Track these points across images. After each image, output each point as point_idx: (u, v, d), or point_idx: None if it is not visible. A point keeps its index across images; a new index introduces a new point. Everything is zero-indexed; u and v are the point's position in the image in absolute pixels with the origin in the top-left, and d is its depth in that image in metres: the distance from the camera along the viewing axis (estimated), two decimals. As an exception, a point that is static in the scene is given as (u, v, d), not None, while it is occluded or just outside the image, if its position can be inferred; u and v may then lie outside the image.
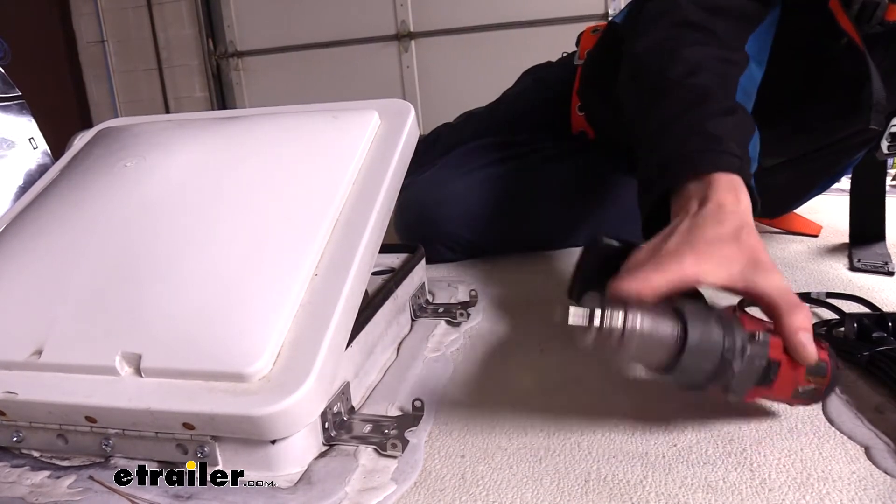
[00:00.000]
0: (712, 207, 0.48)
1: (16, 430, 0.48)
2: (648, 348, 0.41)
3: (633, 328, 0.40)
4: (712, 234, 0.46)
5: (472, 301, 0.75)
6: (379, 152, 0.62)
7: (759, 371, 0.42)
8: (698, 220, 0.47)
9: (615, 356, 0.41)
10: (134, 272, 0.51)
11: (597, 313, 0.39)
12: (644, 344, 0.40)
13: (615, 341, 0.39)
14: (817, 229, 0.99)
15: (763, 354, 0.42)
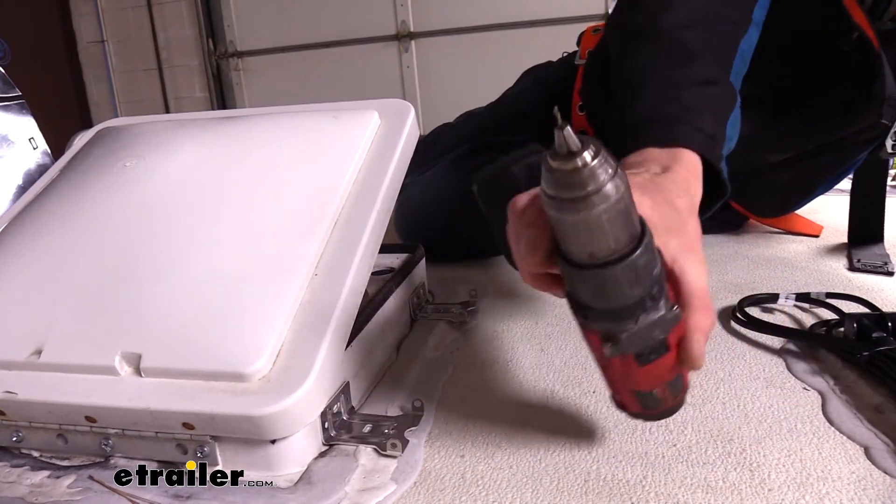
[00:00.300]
0: (675, 178, 0.44)
1: (16, 430, 0.48)
2: (613, 220, 0.33)
3: (621, 182, 0.32)
4: (669, 197, 0.42)
5: (472, 301, 0.75)
6: (379, 152, 0.62)
7: (653, 342, 0.38)
8: (661, 180, 0.44)
9: (574, 210, 0.32)
10: (134, 272, 0.51)
11: (591, 144, 0.31)
12: (614, 211, 0.33)
13: (597, 186, 0.31)
14: (818, 229, 0.99)
15: (666, 328, 0.38)
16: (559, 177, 0.32)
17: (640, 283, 0.35)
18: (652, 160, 0.46)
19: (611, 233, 0.33)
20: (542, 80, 1.10)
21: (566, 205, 0.32)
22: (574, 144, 0.31)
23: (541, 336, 0.66)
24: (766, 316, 0.67)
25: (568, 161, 0.31)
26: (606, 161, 0.32)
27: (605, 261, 0.34)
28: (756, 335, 0.63)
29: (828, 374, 0.54)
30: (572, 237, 0.34)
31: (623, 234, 0.34)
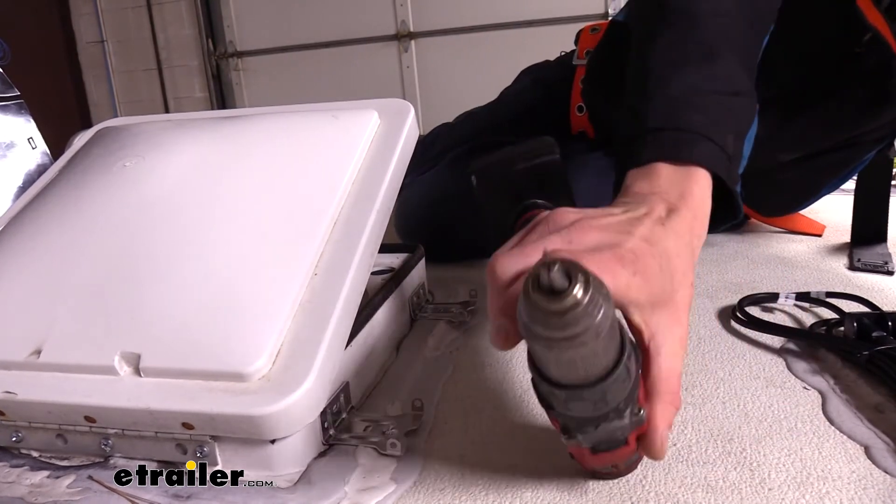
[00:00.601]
0: (680, 227, 0.38)
1: (15, 430, 0.48)
2: (592, 356, 0.30)
3: (609, 313, 0.29)
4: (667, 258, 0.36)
5: (471, 301, 0.75)
6: (379, 152, 0.62)
7: (610, 442, 0.36)
8: (661, 234, 0.37)
9: (556, 349, 0.29)
10: (133, 272, 0.51)
11: (580, 277, 0.28)
12: (597, 347, 0.30)
13: (583, 327, 0.28)
14: (821, 229, 0.99)
15: (626, 432, 0.35)
16: (543, 316, 0.28)
17: (606, 403, 0.33)
18: (659, 193, 0.40)
19: (588, 366, 0.31)
20: (540, 81, 1.09)
21: (547, 343, 0.29)
22: (562, 283, 0.27)
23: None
24: (767, 315, 0.67)
25: (555, 300, 0.27)
26: (597, 294, 0.28)
27: (574, 384, 0.32)
28: (756, 334, 0.63)
29: (828, 373, 0.54)
30: (547, 365, 0.32)
31: (599, 365, 0.31)
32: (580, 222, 0.36)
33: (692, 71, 0.47)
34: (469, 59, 2.92)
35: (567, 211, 0.37)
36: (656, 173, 0.42)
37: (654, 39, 0.52)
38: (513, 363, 0.61)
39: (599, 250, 0.33)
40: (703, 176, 0.42)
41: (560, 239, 0.34)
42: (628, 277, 0.33)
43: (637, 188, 0.42)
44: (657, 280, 0.35)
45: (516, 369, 0.60)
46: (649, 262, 0.34)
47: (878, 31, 0.66)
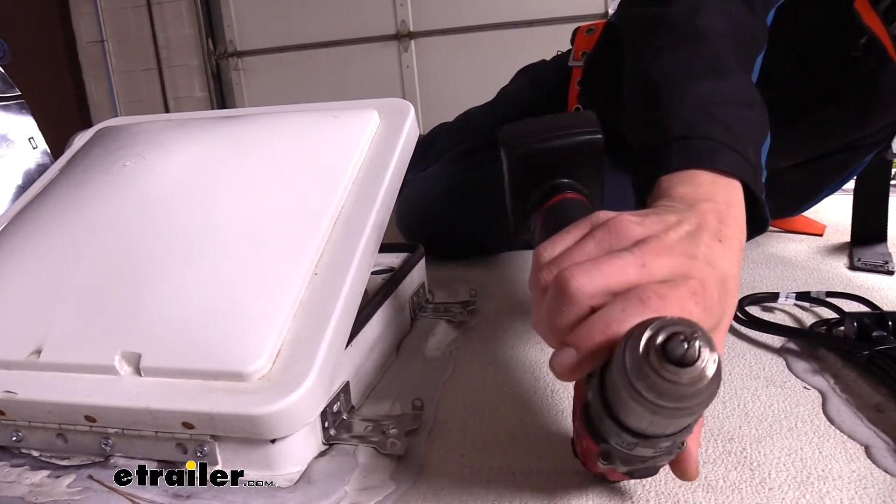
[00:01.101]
0: (733, 244, 0.37)
1: (15, 430, 0.48)
2: (688, 419, 0.29)
3: (719, 369, 0.27)
4: (721, 280, 0.35)
5: (472, 300, 0.75)
6: (379, 151, 0.61)
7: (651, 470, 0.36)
8: (719, 254, 0.36)
9: (665, 415, 0.27)
10: (133, 271, 0.51)
11: (710, 354, 0.26)
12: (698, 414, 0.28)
13: (706, 396, 0.26)
14: (821, 228, 0.99)
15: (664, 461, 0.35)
16: (662, 385, 0.26)
17: (667, 449, 0.32)
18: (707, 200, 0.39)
19: (682, 424, 0.30)
20: (537, 82, 1.10)
21: (658, 409, 0.27)
22: (693, 356, 0.26)
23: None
24: (767, 315, 0.67)
25: (684, 374, 0.26)
26: (718, 360, 0.26)
27: (653, 436, 0.30)
28: (756, 334, 0.63)
29: (828, 372, 0.54)
30: (633, 418, 0.29)
31: (689, 423, 0.30)
32: (649, 242, 0.34)
33: (705, 84, 0.47)
34: (469, 59, 2.92)
35: (629, 221, 0.35)
36: (697, 179, 0.41)
37: (658, 55, 0.51)
38: (513, 363, 0.61)
39: (675, 284, 0.32)
40: (737, 185, 0.41)
41: (633, 261, 0.33)
42: (700, 315, 0.32)
43: (681, 192, 0.40)
44: (716, 310, 0.34)
45: (517, 369, 0.60)
46: (712, 292, 0.33)
47: (875, 34, 0.65)
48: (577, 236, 0.36)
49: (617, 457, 0.33)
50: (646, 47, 0.54)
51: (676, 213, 0.37)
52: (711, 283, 0.33)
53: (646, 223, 0.35)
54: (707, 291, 0.33)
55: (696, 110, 0.45)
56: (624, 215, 0.36)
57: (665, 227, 0.35)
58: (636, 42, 0.56)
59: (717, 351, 0.27)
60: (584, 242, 0.35)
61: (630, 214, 0.36)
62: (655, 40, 0.53)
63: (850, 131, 0.80)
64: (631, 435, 0.30)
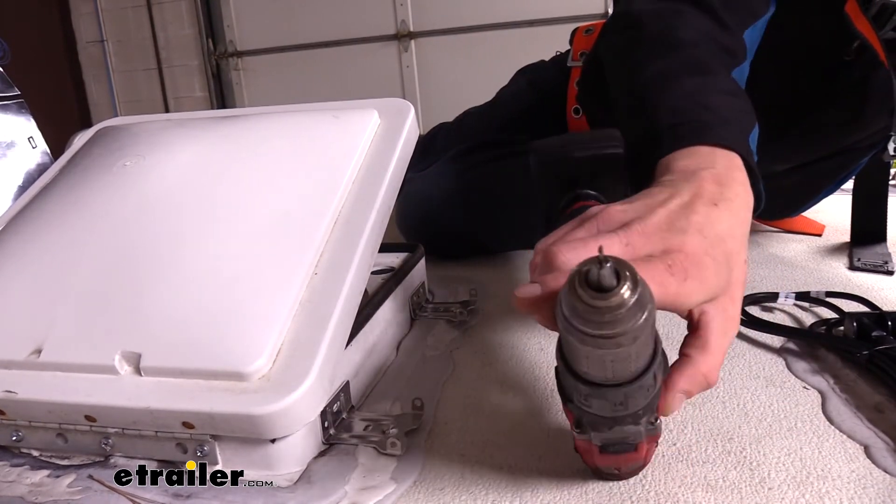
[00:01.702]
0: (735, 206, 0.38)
1: (15, 430, 0.48)
2: (627, 358, 0.30)
3: (650, 320, 0.29)
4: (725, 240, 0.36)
5: (472, 300, 0.75)
6: (379, 151, 0.62)
7: (620, 445, 0.36)
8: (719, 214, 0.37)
9: (594, 345, 0.29)
10: (133, 271, 0.51)
11: (629, 279, 0.28)
12: (633, 350, 0.30)
13: (627, 327, 0.28)
14: (820, 229, 0.99)
15: (638, 438, 0.36)
16: (585, 311, 0.28)
17: (626, 407, 0.33)
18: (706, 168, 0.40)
19: (617, 367, 0.31)
20: (536, 84, 1.10)
21: (582, 337, 0.29)
22: (611, 282, 0.27)
23: (541, 335, 0.66)
24: (766, 315, 0.67)
25: (600, 298, 0.27)
26: (643, 298, 0.28)
27: (599, 383, 0.32)
28: (756, 334, 0.63)
29: (828, 372, 0.54)
30: (576, 359, 0.31)
31: (628, 369, 0.31)
32: (633, 224, 0.35)
33: (689, 81, 0.48)
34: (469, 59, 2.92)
35: (615, 209, 0.37)
36: (696, 152, 0.41)
37: (639, 67, 0.52)
38: (513, 363, 0.61)
39: (652, 260, 0.33)
40: (735, 156, 0.42)
41: (617, 240, 0.34)
42: (677, 286, 0.33)
43: (680, 164, 0.41)
44: (713, 278, 0.35)
45: (517, 369, 0.60)
46: (704, 262, 0.34)
47: (866, 39, 0.65)
48: (567, 230, 0.38)
49: (584, 420, 0.35)
50: (626, 64, 0.55)
51: (671, 186, 0.38)
52: (700, 252, 0.34)
53: (632, 208, 0.37)
54: (693, 261, 0.34)
55: (682, 101, 0.46)
56: (612, 205, 0.37)
57: (651, 207, 0.36)
58: (616, 64, 0.58)
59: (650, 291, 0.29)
60: (574, 230, 0.37)
61: (618, 204, 0.38)
62: (635, 57, 0.54)
63: (845, 135, 0.80)
64: (581, 382, 0.32)
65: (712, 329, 0.35)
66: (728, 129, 0.43)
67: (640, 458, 0.38)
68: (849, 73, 0.71)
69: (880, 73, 0.68)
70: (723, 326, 0.36)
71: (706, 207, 0.37)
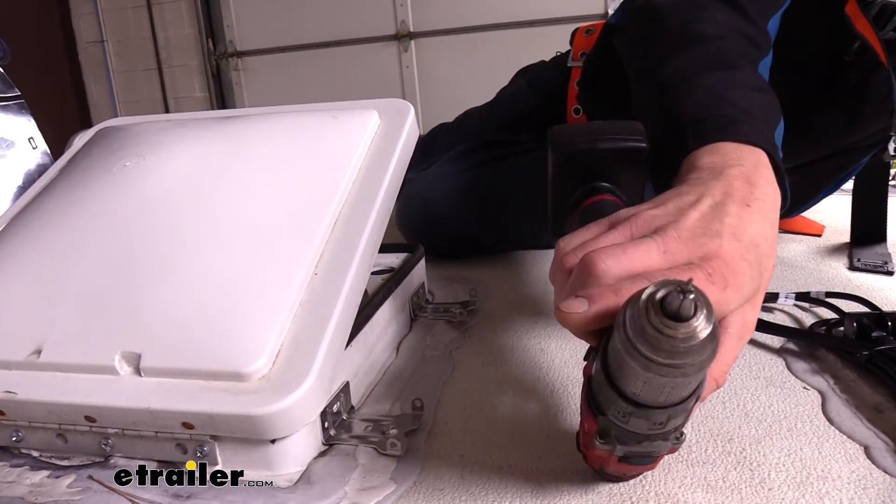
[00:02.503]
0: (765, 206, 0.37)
1: (15, 430, 0.48)
2: (686, 385, 0.29)
3: (716, 349, 0.28)
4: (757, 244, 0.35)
5: (471, 301, 0.75)
6: (379, 151, 0.62)
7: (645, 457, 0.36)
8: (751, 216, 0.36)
9: (658, 373, 0.28)
10: (133, 271, 0.51)
11: (706, 311, 0.27)
12: (695, 380, 0.29)
13: (698, 359, 0.27)
14: (820, 229, 0.99)
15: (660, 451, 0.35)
16: (658, 339, 0.27)
17: (663, 426, 0.32)
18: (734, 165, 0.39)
19: (672, 394, 0.30)
20: (536, 84, 1.10)
21: (647, 364, 0.27)
22: (689, 312, 0.26)
23: (541, 336, 0.66)
24: (766, 315, 0.67)
25: (679, 328, 0.26)
26: (715, 327, 0.27)
27: (647, 405, 0.31)
28: (756, 334, 0.63)
29: (828, 373, 0.54)
30: (629, 380, 0.30)
31: (681, 395, 0.30)
32: (668, 229, 0.34)
33: (714, 76, 0.47)
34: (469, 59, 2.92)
35: (649, 213, 0.36)
36: (722, 149, 0.40)
37: (662, 62, 0.51)
38: (513, 363, 0.61)
39: (693, 268, 0.32)
40: (761, 153, 0.41)
41: (655, 247, 0.33)
42: (718, 295, 0.32)
43: (707, 162, 0.40)
44: (748, 283, 0.34)
45: (517, 369, 0.60)
46: (741, 268, 0.33)
47: (866, 39, 0.65)
48: (596, 231, 0.36)
49: (613, 433, 0.34)
50: (647, 60, 0.54)
51: (700, 185, 0.37)
52: (737, 258, 0.33)
53: (664, 212, 0.36)
54: (732, 268, 0.33)
55: (707, 95, 0.45)
56: (643, 208, 0.36)
57: (684, 209, 0.35)
58: (637, 60, 0.57)
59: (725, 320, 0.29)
60: (607, 233, 0.36)
61: (649, 205, 0.37)
62: (656, 52, 0.54)
63: (845, 135, 0.80)
64: (626, 401, 0.31)
65: (729, 335, 0.35)
66: (753, 124, 0.42)
67: (654, 467, 0.38)
68: (849, 74, 0.71)
69: (880, 73, 0.68)
70: (739, 332, 0.35)
71: (738, 208, 0.36)
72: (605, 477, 0.42)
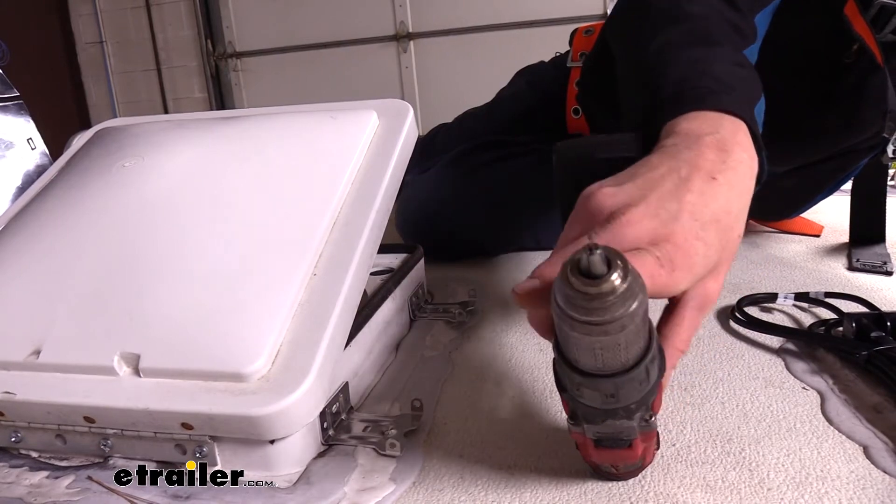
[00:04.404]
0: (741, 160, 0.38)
1: (14, 431, 0.48)
2: (618, 347, 0.30)
3: (640, 310, 0.29)
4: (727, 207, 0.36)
5: (471, 301, 0.75)
6: (378, 152, 0.62)
7: (614, 440, 0.37)
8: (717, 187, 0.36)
9: (584, 332, 0.29)
10: (132, 272, 0.51)
11: (619, 266, 0.28)
12: (624, 339, 0.30)
13: (618, 314, 0.28)
14: (819, 229, 0.99)
15: (631, 434, 0.36)
16: (575, 297, 0.28)
17: (617, 400, 0.33)
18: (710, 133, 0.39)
19: (607, 357, 0.31)
20: (536, 84, 1.10)
21: (572, 324, 0.29)
22: (601, 269, 0.28)
23: (540, 336, 0.66)
24: (765, 315, 0.67)
25: (590, 284, 0.28)
26: (634, 286, 0.28)
27: (590, 373, 0.32)
28: (755, 335, 0.63)
29: (827, 373, 0.54)
30: (568, 346, 0.32)
31: (618, 360, 0.31)
32: (618, 216, 0.34)
33: (695, 51, 0.48)
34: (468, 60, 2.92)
35: (604, 193, 0.36)
36: (701, 115, 0.41)
37: (645, 41, 0.52)
38: (512, 363, 0.61)
39: (641, 253, 0.33)
40: (741, 122, 0.41)
41: (605, 234, 0.34)
42: (666, 277, 0.33)
43: (684, 127, 0.40)
44: (701, 262, 0.34)
45: (516, 369, 0.60)
46: (694, 248, 0.34)
47: (864, 41, 0.65)
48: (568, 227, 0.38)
49: (579, 412, 0.36)
50: (632, 41, 0.55)
51: (670, 157, 0.38)
52: (691, 238, 0.34)
53: (623, 191, 0.36)
54: (683, 250, 0.34)
55: (688, 69, 0.46)
56: (603, 186, 0.37)
57: (643, 189, 0.36)
58: (623, 43, 0.58)
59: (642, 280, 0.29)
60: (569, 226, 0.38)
61: (611, 181, 0.37)
62: (641, 33, 0.54)
63: (844, 138, 0.80)
64: (573, 370, 0.33)
65: (689, 307, 0.36)
66: (732, 95, 0.43)
67: (635, 456, 0.38)
68: (847, 77, 0.71)
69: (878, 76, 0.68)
70: (700, 304, 0.36)
71: (702, 183, 0.36)
72: (601, 474, 0.42)
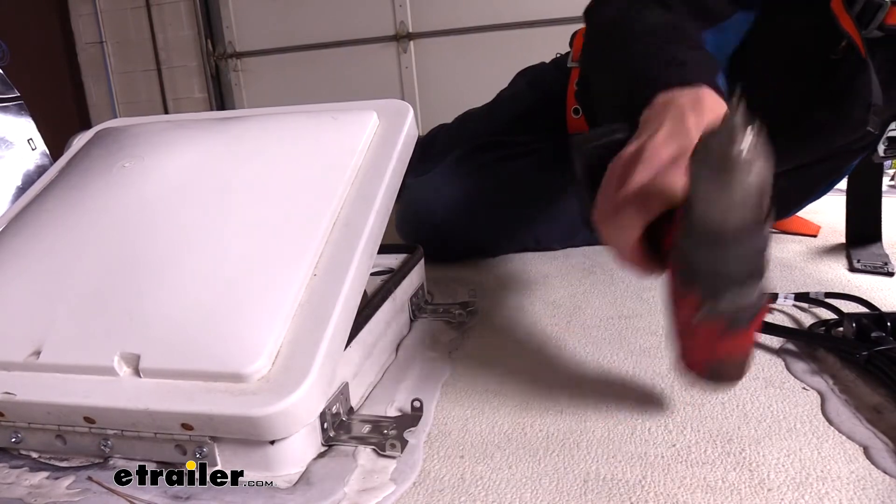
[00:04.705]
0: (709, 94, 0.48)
1: (14, 431, 0.48)
2: (764, 189, 0.37)
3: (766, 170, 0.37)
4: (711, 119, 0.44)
5: (471, 301, 0.75)
6: (378, 152, 0.62)
7: (743, 317, 0.41)
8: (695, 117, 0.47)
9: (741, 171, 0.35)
10: (132, 272, 0.51)
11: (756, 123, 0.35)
12: (769, 178, 0.37)
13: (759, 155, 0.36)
14: (816, 229, 0.99)
15: (755, 310, 0.42)
16: (731, 131, 0.34)
17: (754, 262, 0.39)
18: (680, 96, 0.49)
19: (748, 203, 0.37)
20: (536, 85, 1.10)
21: (725, 163, 0.35)
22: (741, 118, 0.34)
23: (540, 336, 0.66)
24: (765, 316, 0.67)
25: (742, 134, 0.34)
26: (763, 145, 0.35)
27: (737, 228, 0.38)
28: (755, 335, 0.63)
29: (827, 373, 0.54)
30: (712, 203, 0.37)
31: (763, 205, 0.37)
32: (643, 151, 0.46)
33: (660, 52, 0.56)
34: (468, 60, 2.92)
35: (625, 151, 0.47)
36: (669, 91, 0.50)
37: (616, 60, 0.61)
38: (512, 363, 0.61)
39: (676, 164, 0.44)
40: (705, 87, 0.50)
41: (642, 168, 0.45)
42: None
43: (660, 100, 0.50)
44: None
45: (516, 370, 0.60)
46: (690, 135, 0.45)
47: (851, 38, 0.65)
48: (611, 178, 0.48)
49: (717, 285, 0.40)
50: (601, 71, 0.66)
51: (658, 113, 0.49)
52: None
53: (636, 142, 0.47)
54: None
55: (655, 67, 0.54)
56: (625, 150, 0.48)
57: (651, 131, 0.47)
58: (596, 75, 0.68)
59: None
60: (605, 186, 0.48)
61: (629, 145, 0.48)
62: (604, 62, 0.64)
63: (836, 137, 0.80)
64: (720, 238, 0.38)
65: None
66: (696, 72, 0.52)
67: (749, 344, 0.43)
68: (836, 73, 0.71)
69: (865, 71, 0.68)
70: None
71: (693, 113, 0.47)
72: (708, 372, 0.45)
